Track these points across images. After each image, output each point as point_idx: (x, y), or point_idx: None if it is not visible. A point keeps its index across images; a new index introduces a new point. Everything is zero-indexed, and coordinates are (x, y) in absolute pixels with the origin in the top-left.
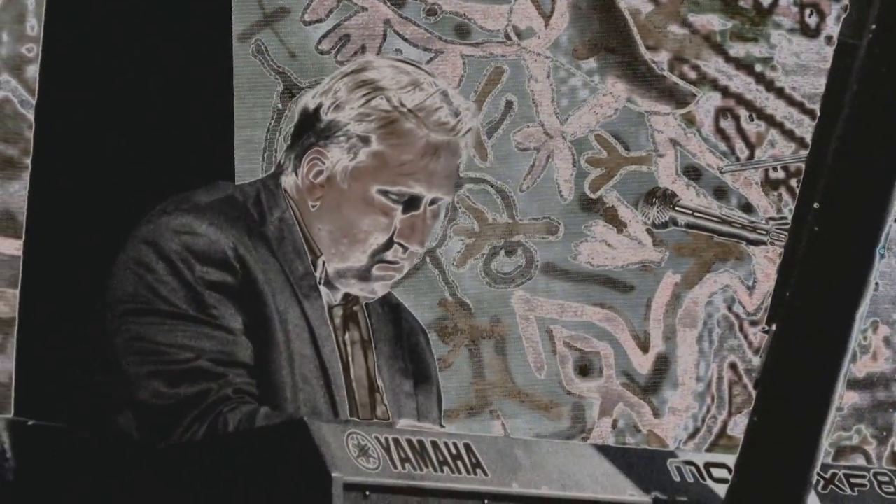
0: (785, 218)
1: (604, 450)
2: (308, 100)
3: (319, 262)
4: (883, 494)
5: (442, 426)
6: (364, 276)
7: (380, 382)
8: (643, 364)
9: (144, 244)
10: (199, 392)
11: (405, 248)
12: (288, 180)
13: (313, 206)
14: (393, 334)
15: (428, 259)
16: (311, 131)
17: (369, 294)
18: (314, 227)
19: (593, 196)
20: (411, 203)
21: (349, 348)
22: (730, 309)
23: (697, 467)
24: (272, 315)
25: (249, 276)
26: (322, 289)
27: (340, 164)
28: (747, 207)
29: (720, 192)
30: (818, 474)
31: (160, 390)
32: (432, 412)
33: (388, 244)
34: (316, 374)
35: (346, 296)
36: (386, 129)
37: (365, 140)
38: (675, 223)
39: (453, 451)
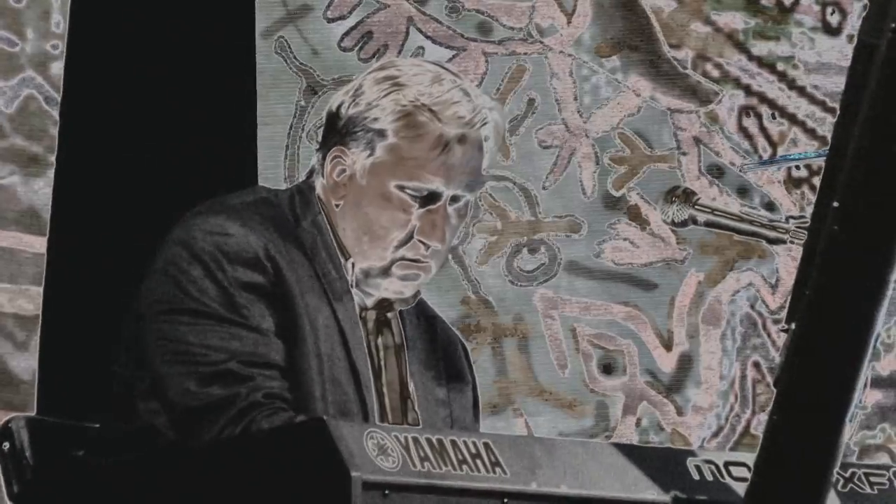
0: (805, 217)
1: (623, 448)
2: (333, 101)
3: (349, 265)
4: None
5: None
6: (386, 274)
7: (412, 389)
8: (667, 362)
9: (177, 246)
10: (228, 396)
11: (427, 246)
12: (319, 184)
13: (337, 206)
14: (428, 343)
15: (450, 257)
16: (334, 131)
17: (397, 295)
18: (340, 228)
19: (616, 194)
20: (430, 199)
21: (381, 353)
22: (753, 307)
23: (717, 466)
24: (302, 316)
25: (280, 276)
26: (355, 292)
27: (360, 161)
28: (770, 206)
29: (743, 191)
30: (838, 473)
31: (190, 390)
32: (466, 420)
33: (408, 241)
34: (346, 376)
35: (380, 302)
36: (400, 122)
37: (381, 134)
38: (695, 221)
39: (472, 449)
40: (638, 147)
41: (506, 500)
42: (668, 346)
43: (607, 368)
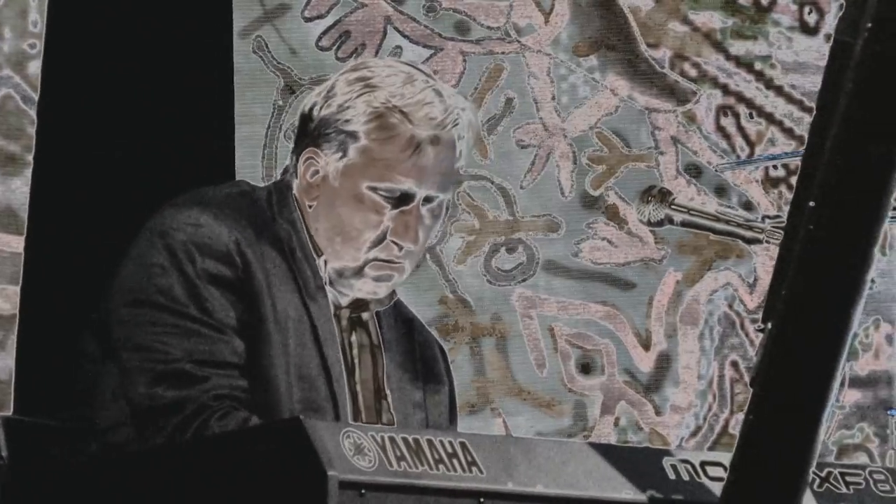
0: (781, 216)
1: (600, 448)
2: (306, 101)
3: (321, 262)
4: (879, 493)
5: None
6: (359, 274)
7: (388, 390)
8: (645, 362)
9: (151, 235)
10: (178, 399)
11: (400, 247)
12: (294, 183)
13: (310, 206)
14: (405, 345)
15: (428, 256)
16: (307, 132)
17: (371, 295)
18: (313, 228)
19: (594, 193)
20: (403, 200)
21: (355, 350)
22: (731, 307)
23: (693, 465)
24: (268, 312)
25: (249, 272)
26: (329, 290)
27: (332, 163)
28: (748, 205)
29: (721, 190)
30: (814, 472)
31: (142, 388)
32: (441, 423)
33: (381, 242)
34: (318, 373)
35: (355, 302)
36: (372, 124)
37: (353, 136)
38: (671, 221)
39: (449, 449)
40: (616, 146)
41: (482, 500)
42: (646, 345)
43: (585, 368)
